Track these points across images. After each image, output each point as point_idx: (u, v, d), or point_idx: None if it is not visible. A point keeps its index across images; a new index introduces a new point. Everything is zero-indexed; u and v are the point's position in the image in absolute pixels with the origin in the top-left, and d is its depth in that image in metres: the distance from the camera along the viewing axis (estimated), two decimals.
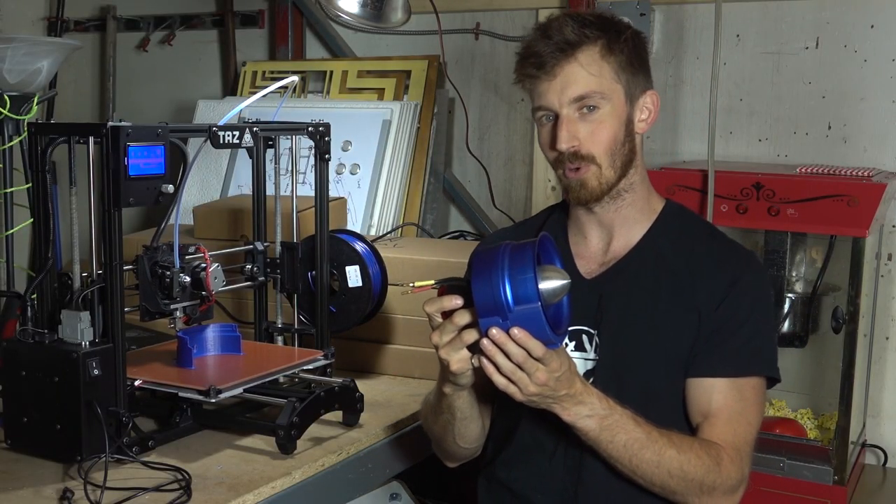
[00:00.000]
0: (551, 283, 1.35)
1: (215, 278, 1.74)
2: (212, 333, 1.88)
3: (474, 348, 1.38)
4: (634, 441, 1.46)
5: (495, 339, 1.34)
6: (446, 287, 1.40)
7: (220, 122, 1.73)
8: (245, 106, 1.82)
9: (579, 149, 1.55)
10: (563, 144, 1.54)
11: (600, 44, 1.55)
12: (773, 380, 1.61)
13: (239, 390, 1.71)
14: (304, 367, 1.88)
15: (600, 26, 1.57)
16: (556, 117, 1.56)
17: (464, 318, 1.38)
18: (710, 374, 1.55)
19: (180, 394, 1.69)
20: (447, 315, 1.40)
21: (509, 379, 1.37)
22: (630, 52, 1.58)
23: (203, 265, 1.73)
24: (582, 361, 1.59)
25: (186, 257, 1.73)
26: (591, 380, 1.58)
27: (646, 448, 1.46)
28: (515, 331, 1.33)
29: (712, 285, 1.56)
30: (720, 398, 1.54)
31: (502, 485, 1.66)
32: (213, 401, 1.66)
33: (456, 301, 1.38)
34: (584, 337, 1.60)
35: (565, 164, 1.57)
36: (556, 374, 1.38)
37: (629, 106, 1.59)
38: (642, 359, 1.57)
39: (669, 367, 1.56)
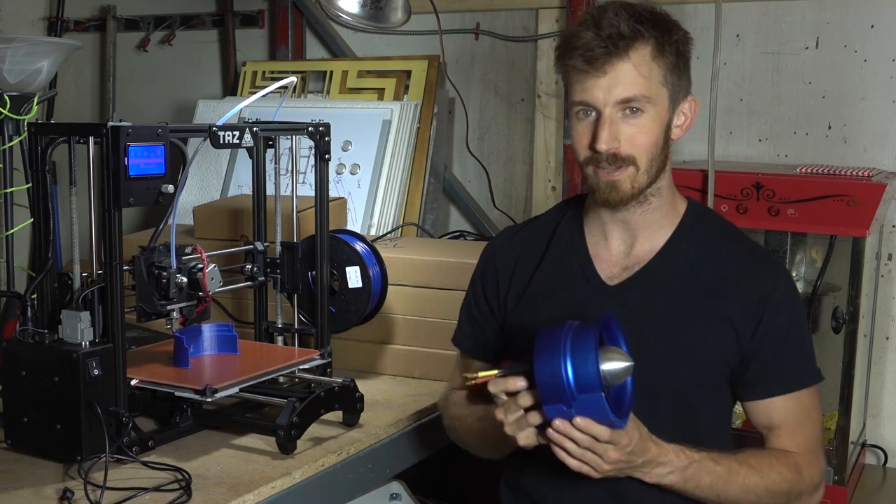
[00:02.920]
0: (613, 365, 1.33)
1: (212, 279, 1.73)
2: (208, 333, 1.88)
3: (540, 427, 1.38)
4: (718, 479, 1.47)
5: (560, 430, 1.34)
6: (513, 370, 1.40)
7: (219, 122, 1.73)
8: (244, 106, 1.82)
9: (619, 151, 1.49)
10: (604, 145, 1.48)
11: (652, 42, 1.49)
12: None
13: (235, 389, 1.71)
14: (301, 367, 1.88)
15: (654, 23, 1.50)
16: (598, 115, 1.50)
17: (527, 399, 1.37)
18: (767, 395, 1.56)
19: (176, 393, 1.69)
20: (511, 393, 1.39)
21: (581, 461, 1.37)
22: (677, 55, 1.52)
23: (200, 265, 1.73)
24: None
25: (183, 258, 1.72)
26: None
27: (730, 483, 1.48)
28: (579, 420, 1.32)
29: (742, 297, 1.53)
30: (781, 412, 1.56)
31: (526, 494, 1.64)
32: (210, 400, 1.65)
33: (520, 384, 1.38)
34: None
35: (599, 164, 1.51)
36: (629, 448, 1.38)
37: (671, 111, 1.54)
38: (673, 367, 1.54)
39: (702, 377, 1.55)
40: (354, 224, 2.71)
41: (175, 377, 1.73)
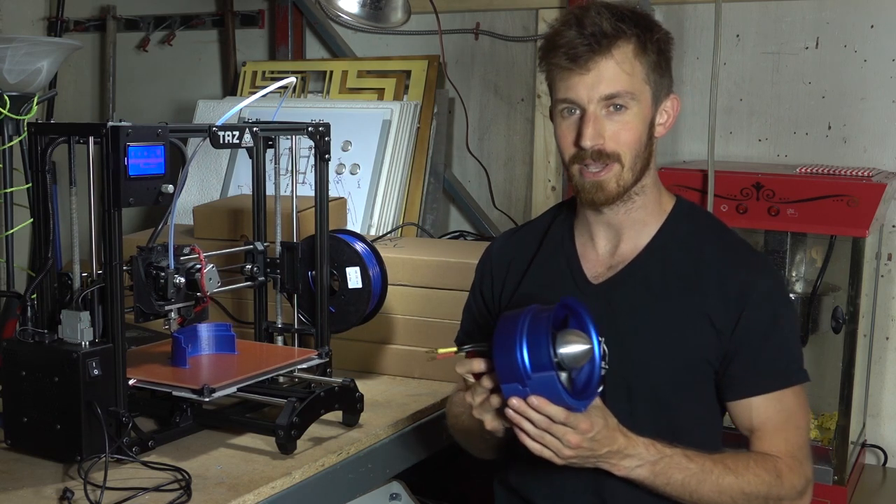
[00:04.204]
0: (571, 349, 1.35)
1: (210, 279, 1.73)
2: (206, 333, 1.88)
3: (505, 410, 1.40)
4: (691, 477, 1.46)
5: (515, 408, 1.35)
6: (477, 350, 1.42)
7: (219, 122, 1.73)
8: (244, 106, 1.82)
9: (604, 147, 1.51)
10: (589, 141, 1.50)
11: (634, 41, 1.51)
12: None
13: (232, 389, 1.71)
14: (299, 367, 1.88)
15: (635, 21, 1.52)
16: (582, 112, 1.52)
17: (490, 381, 1.39)
18: (746, 395, 1.54)
19: (174, 393, 1.69)
20: (479, 376, 1.42)
21: (541, 443, 1.38)
22: (659, 53, 1.54)
23: (198, 266, 1.72)
24: None
25: (181, 258, 1.72)
26: (601, 388, 1.56)
27: (703, 482, 1.47)
28: (533, 399, 1.34)
29: (721, 293, 1.53)
30: (761, 413, 1.53)
31: (514, 491, 1.65)
32: (207, 400, 1.66)
33: (481, 365, 1.40)
34: None
35: (584, 162, 1.52)
36: (590, 434, 1.38)
37: (654, 109, 1.55)
38: (651, 366, 1.54)
39: (679, 374, 1.54)
40: (354, 224, 2.71)
41: (173, 377, 1.74)
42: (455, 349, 1.45)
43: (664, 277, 1.57)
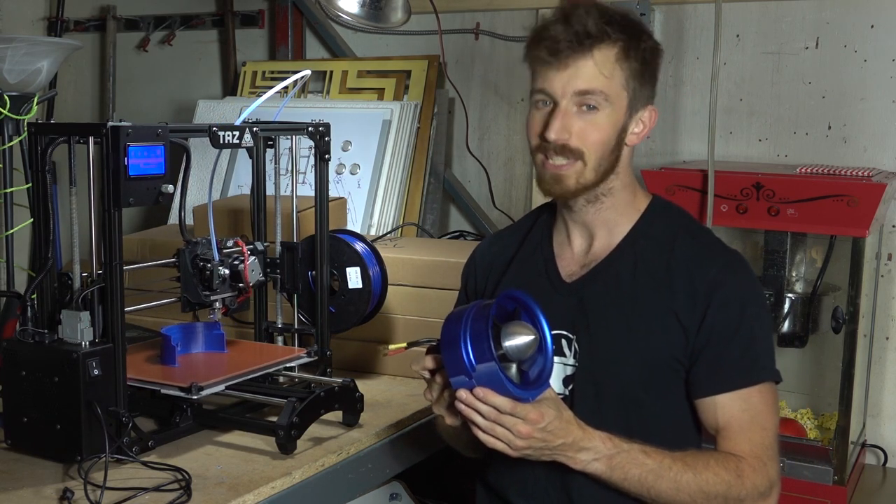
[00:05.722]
0: (515, 341, 1.37)
1: (252, 270, 1.80)
2: (196, 331, 1.89)
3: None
4: (648, 473, 1.45)
5: (463, 400, 1.37)
6: (432, 346, 1.45)
7: (241, 118, 1.75)
8: (265, 99, 1.78)
9: (568, 142, 1.52)
10: (554, 135, 1.52)
11: (619, 45, 1.52)
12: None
13: (221, 387, 1.72)
14: (288, 364, 1.89)
15: (624, 27, 1.53)
16: (554, 106, 1.53)
17: (443, 377, 1.41)
18: (712, 392, 1.53)
19: (162, 391, 1.69)
20: (435, 373, 1.44)
21: (493, 436, 1.39)
22: (643, 62, 1.55)
23: (241, 258, 1.78)
24: (561, 367, 1.58)
25: (224, 250, 1.78)
26: (570, 386, 1.57)
27: (661, 478, 1.46)
28: (479, 390, 1.35)
29: (690, 289, 1.53)
30: (726, 412, 1.52)
31: (492, 489, 1.67)
32: (195, 398, 1.66)
33: (433, 362, 1.43)
34: (564, 342, 1.58)
35: (548, 153, 1.54)
36: (541, 425, 1.38)
37: (628, 116, 1.56)
38: (619, 363, 1.54)
39: (648, 371, 1.54)
40: (354, 224, 2.71)
41: (161, 375, 1.74)
42: (405, 345, 1.49)
43: (635, 275, 1.57)
